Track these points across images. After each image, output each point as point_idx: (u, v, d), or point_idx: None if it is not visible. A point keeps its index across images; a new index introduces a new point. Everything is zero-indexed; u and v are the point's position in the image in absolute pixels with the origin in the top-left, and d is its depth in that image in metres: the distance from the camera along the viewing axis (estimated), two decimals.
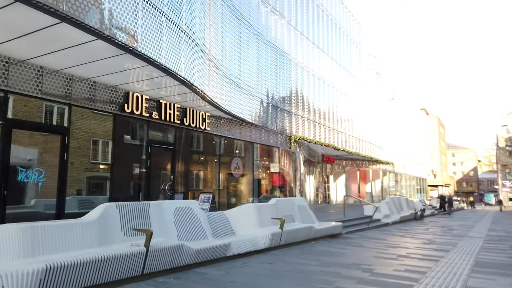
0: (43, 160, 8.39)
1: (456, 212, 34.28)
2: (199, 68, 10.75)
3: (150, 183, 10.93)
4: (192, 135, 13.04)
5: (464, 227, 17.02)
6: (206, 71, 11.53)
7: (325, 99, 24.41)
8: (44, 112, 8.47)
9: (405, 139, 44.46)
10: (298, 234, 9.03)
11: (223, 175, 14.65)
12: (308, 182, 24.77)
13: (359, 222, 14.97)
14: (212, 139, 13.94)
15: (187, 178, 13.04)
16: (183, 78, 9.49)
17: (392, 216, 18.45)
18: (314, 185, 25.06)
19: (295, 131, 19.93)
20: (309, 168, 25.08)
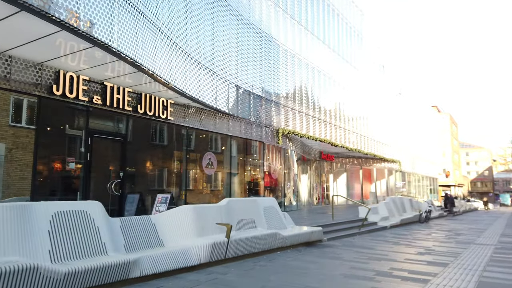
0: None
1: (468, 214, 31.94)
2: (147, 42, 9.02)
3: (91, 181, 9.23)
4: (152, 125, 11.31)
5: (473, 231, 14.96)
6: (162, 49, 9.80)
7: (321, 91, 22.49)
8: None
9: (414, 136, 42.16)
10: (255, 243, 7.22)
11: (192, 172, 12.90)
12: (303, 182, 22.88)
13: (350, 226, 13.07)
14: (179, 131, 12.19)
15: (145, 176, 11.33)
16: (118, 51, 7.77)
17: (391, 218, 16.47)
18: (308, 185, 23.15)
19: (284, 125, 18.07)
20: (305, 166, 23.18)
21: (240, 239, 6.78)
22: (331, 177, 26.90)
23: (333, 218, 13.47)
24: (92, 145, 9.20)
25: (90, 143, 9.19)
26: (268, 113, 16.82)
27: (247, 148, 16.16)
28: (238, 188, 15.35)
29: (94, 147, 9.27)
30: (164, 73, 9.96)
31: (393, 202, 18.05)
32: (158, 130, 11.50)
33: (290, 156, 20.50)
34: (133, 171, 10.85)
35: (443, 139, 70.49)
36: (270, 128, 16.88)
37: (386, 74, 40.91)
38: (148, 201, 10.96)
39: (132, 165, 10.70)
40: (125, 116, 10.15)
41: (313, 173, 24.36)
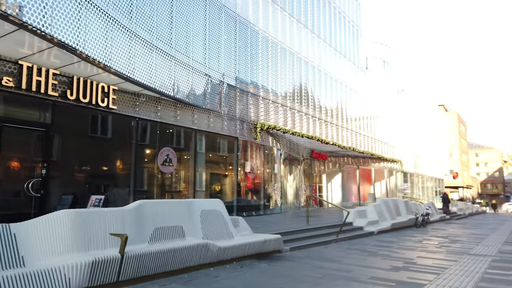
0: None
1: (474, 217, 29.93)
2: (72, 13, 7.49)
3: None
4: (90, 115, 9.76)
5: (473, 237, 13.16)
6: (96, 24, 8.28)
7: (310, 84, 20.81)
8: None
9: (419, 136, 40.16)
10: (174, 258, 5.61)
11: (144, 171, 11.33)
12: (291, 183, 21.21)
13: (328, 232, 11.38)
14: (128, 122, 10.63)
15: (80, 175, 9.80)
16: (23, 22, 6.24)
17: (381, 223, 14.73)
18: (296, 186, 21.47)
19: (264, 119, 16.44)
20: (293, 166, 21.51)
21: (146, 254, 5.18)
22: (324, 178, 25.17)
23: (308, 222, 11.79)
24: (1, 137, 7.67)
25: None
26: (244, 105, 15.21)
27: (222, 145, 14.57)
28: (210, 189, 13.76)
29: (5, 139, 7.75)
30: (99, 53, 8.43)
31: (385, 204, 16.29)
32: (100, 120, 9.96)
33: (276, 155, 18.88)
34: (66, 169, 9.32)
35: (450, 139, 68.16)
36: (246, 122, 15.26)
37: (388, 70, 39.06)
38: (85, 204, 9.41)
39: (63, 162, 9.17)
40: (49, 102, 8.61)
41: (302, 174, 22.67)
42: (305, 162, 22.67)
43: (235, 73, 14.68)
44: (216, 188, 14.12)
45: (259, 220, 13.52)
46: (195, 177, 12.62)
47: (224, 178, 14.66)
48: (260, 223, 12.15)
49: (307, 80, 20.40)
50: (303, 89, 20.01)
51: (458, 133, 72.41)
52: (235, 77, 14.70)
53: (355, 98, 26.42)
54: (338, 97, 24.10)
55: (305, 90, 20.20)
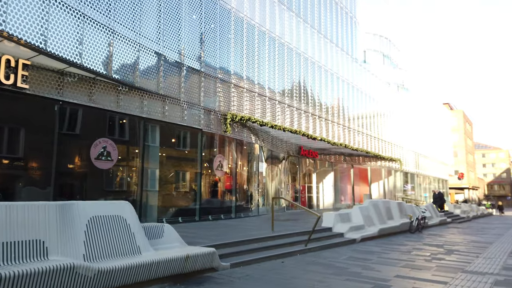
0: None
1: (478, 220, 27.77)
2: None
3: None
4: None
5: (473, 246, 11.13)
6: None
7: (295, 74, 18.87)
8: None
9: (421, 134, 38.01)
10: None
11: (72, 166, 9.47)
12: (275, 182, 19.29)
13: (296, 241, 9.43)
14: (47, 106, 8.75)
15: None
16: None
17: (367, 228, 12.75)
18: (280, 186, 19.53)
19: (237, 109, 14.53)
20: (278, 164, 19.60)
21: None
22: (314, 177, 23.18)
23: (272, 228, 9.84)
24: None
25: None
26: (211, 93, 13.31)
27: (182, 138, 12.68)
28: (165, 190, 11.87)
29: None
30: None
31: (374, 206, 14.30)
32: (6, 103, 8.08)
33: (257, 151, 16.98)
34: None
35: (455, 138, 65.75)
36: (214, 112, 13.36)
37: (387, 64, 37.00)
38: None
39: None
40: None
41: (288, 172, 20.73)
42: (291, 160, 20.73)
43: (199, 55, 12.79)
44: (173, 188, 12.23)
45: (223, 225, 11.62)
46: (143, 175, 10.72)
47: (185, 177, 12.77)
48: (218, 230, 10.25)
49: (291, 69, 18.46)
50: (287, 79, 18.07)
51: (463, 132, 69.93)
52: (200, 60, 12.80)
53: (349, 91, 24.42)
54: (329, 89, 22.13)
55: (289, 80, 18.25)
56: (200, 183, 12.67)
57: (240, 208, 14.74)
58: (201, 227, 10.91)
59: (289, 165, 20.93)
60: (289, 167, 20.99)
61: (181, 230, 9.93)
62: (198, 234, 9.14)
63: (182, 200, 12.40)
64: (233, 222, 12.67)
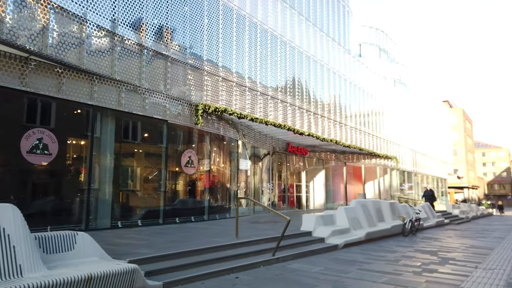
0: None
1: (478, 220, 26.39)
2: None
3: None
4: None
5: (472, 253, 9.73)
6: None
7: (281, 63, 17.47)
8: None
9: (419, 131, 36.62)
10: None
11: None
12: (260, 181, 17.93)
13: (264, 249, 8.04)
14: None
15: None
16: None
17: (353, 232, 11.36)
18: (265, 185, 18.15)
19: (211, 100, 13.13)
20: (264, 161, 18.23)
21: None
22: (303, 176, 21.78)
23: (236, 235, 8.44)
24: None
25: None
26: (180, 80, 11.90)
27: (144, 130, 11.28)
28: (121, 189, 10.48)
29: None
30: None
31: (362, 207, 12.92)
32: None
33: (238, 147, 15.62)
34: None
35: (455, 136, 64.34)
36: (182, 102, 11.96)
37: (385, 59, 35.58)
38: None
39: None
40: None
41: (275, 171, 19.35)
42: (278, 157, 19.34)
43: (165, 37, 11.39)
44: (132, 188, 10.84)
45: (187, 229, 10.24)
46: (91, 171, 9.32)
47: (147, 175, 11.37)
48: (176, 236, 8.87)
49: (275, 58, 17.05)
50: (270, 68, 16.67)
51: (463, 130, 68.54)
52: (166, 42, 11.39)
53: (341, 84, 23.02)
54: (319, 81, 20.73)
55: (273, 69, 16.85)
56: (165, 182, 11.26)
57: (215, 209, 13.35)
58: (159, 232, 9.52)
59: (275, 162, 19.56)
60: (276, 165, 19.62)
61: (131, 236, 8.52)
62: (148, 242, 7.75)
63: (143, 201, 11.01)
64: (203, 225, 11.29)
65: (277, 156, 19.39)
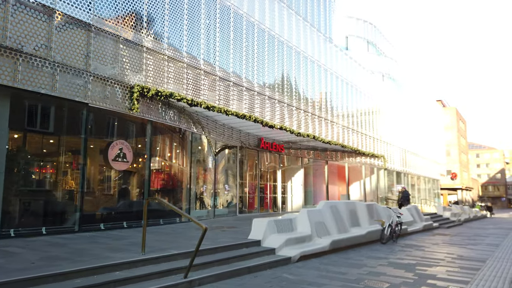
0: None
1: (471, 223, 24.48)
2: None
3: None
4: None
5: (459, 267, 7.70)
6: None
7: (247, 47, 15.44)
8: None
9: (410, 129, 34.75)
10: None
11: None
12: (228, 181, 15.90)
13: (178, 267, 5.96)
14: None
15: None
16: None
17: (315, 240, 9.33)
18: (236, 184, 16.09)
19: (153, 81, 11.05)
20: (231, 158, 16.20)
21: None
22: (279, 175, 19.72)
23: (143, 249, 6.33)
24: None
25: None
26: (109, 56, 9.82)
27: (56, 115, 9.17)
28: (17, 188, 8.37)
29: None
30: None
31: (332, 209, 10.88)
32: None
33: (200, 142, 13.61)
34: None
35: (448, 136, 62.66)
36: (111, 81, 9.87)
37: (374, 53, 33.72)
38: None
39: None
40: None
41: (245, 169, 17.31)
42: (248, 154, 17.28)
43: (87, 2, 9.30)
44: (35, 187, 8.73)
45: (99, 238, 8.16)
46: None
47: (58, 171, 9.25)
48: (69, 248, 6.78)
49: (240, 38, 15.02)
50: (233, 50, 14.63)
51: (457, 130, 66.85)
52: (88, 9, 9.31)
53: (320, 74, 21.03)
54: (295, 69, 18.73)
55: (237, 51, 14.82)
56: (83, 180, 9.16)
57: (158, 213, 11.27)
58: (55, 243, 7.42)
59: (246, 160, 17.52)
60: (246, 163, 17.58)
61: (13, 250, 6.15)
62: (10, 260, 5.65)
63: (52, 204, 8.90)
64: (127, 233, 9.20)
65: (248, 152, 17.36)
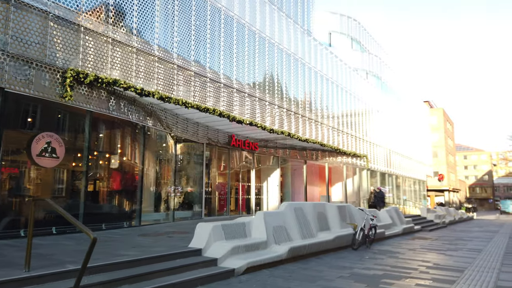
0: None
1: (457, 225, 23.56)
2: None
3: None
4: None
5: (432, 279, 6.50)
6: None
7: (213, 33, 14.20)
8: None
9: (395, 129, 33.81)
10: None
11: None
12: (194, 181, 14.62)
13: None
14: None
15: None
16: None
17: (272, 247, 8.09)
18: (201, 185, 14.80)
19: (93, 66, 9.72)
20: (196, 156, 14.91)
21: None
22: (253, 175, 18.45)
23: (26, 266, 4.97)
24: None
25: None
26: (33, 33, 8.48)
27: None
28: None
29: None
30: None
31: (296, 212, 9.67)
32: None
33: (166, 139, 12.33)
34: None
35: (435, 137, 62.15)
36: (38, 64, 8.53)
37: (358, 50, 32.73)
38: None
39: None
40: None
41: (212, 168, 16.04)
42: (216, 152, 16.00)
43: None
44: None
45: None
46: None
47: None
48: None
49: (203, 22, 13.77)
50: (195, 36, 13.37)
51: (444, 131, 66.37)
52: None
53: (297, 69, 19.87)
54: (269, 61, 17.54)
55: (200, 37, 13.56)
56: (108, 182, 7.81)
57: (100, 217, 9.93)
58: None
59: (214, 158, 16.26)
60: (214, 161, 16.31)
61: None
62: None
63: None
64: (51, 240, 7.86)
65: (217, 150, 16.09)
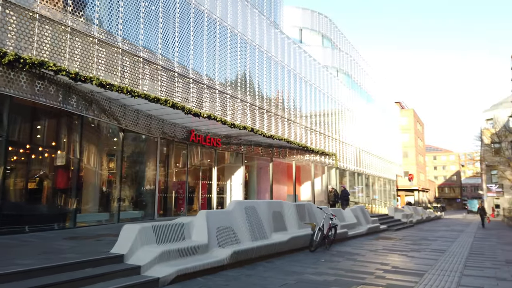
0: None
1: (422, 225, 23.36)
2: None
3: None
4: None
5: (387, 285, 5.80)
6: None
7: (163, 14, 13.13)
8: None
9: (365, 128, 33.57)
10: None
11: None
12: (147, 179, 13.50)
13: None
14: None
15: None
16: None
17: (212, 251, 7.13)
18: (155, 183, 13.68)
19: (15, 45, 8.50)
20: (150, 152, 13.78)
21: None
22: (214, 173, 17.44)
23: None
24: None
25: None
26: None
27: None
28: None
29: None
30: None
31: (246, 212, 8.76)
32: None
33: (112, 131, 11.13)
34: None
35: (405, 137, 62.92)
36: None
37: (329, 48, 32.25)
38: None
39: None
40: None
41: (171, 164, 14.95)
42: (173, 148, 14.91)
43: None
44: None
45: None
46: None
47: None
48: None
49: (156, 8, 12.67)
50: (144, 18, 12.25)
51: (414, 132, 67.32)
52: None
53: (263, 62, 19.03)
54: (230, 51, 16.59)
55: (150, 20, 12.45)
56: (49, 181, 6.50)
57: (25, 218, 8.71)
58: None
59: (172, 154, 15.17)
60: (172, 158, 15.23)
61: None
62: None
63: None
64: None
65: (175, 146, 15.01)
